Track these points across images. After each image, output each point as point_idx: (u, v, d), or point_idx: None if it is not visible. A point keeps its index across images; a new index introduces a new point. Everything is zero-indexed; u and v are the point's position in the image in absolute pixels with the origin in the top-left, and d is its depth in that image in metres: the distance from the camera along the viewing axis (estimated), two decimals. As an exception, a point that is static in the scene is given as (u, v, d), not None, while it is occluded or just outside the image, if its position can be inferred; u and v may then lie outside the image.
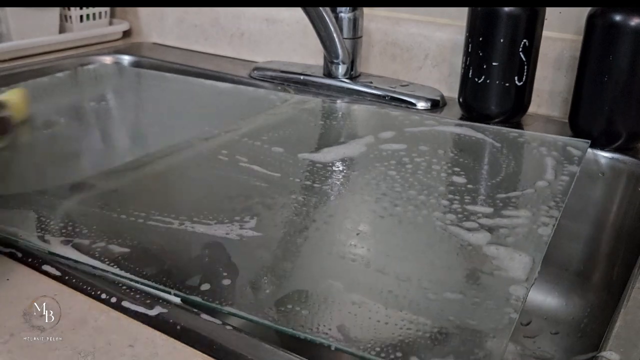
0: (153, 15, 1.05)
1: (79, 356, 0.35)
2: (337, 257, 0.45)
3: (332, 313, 0.38)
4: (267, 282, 0.42)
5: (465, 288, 0.41)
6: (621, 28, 0.60)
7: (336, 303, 0.39)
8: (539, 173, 0.57)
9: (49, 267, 0.42)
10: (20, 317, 0.38)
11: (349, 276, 0.43)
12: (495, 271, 0.43)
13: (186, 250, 0.46)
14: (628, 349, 0.36)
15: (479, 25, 0.67)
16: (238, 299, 0.40)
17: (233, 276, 0.42)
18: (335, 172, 0.59)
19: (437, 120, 0.71)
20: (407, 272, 0.43)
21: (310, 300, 0.39)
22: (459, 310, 0.39)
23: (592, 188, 0.65)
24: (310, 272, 0.44)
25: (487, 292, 0.41)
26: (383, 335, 0.36)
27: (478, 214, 0.50)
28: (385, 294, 0.40)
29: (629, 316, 0.40)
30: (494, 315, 0.38)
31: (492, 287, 0.42)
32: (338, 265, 0.44)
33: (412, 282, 0.41)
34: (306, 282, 0.43)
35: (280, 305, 0.39)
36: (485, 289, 0.41)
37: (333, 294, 0.40)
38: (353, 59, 0.80)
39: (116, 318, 0.38)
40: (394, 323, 0.37)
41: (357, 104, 0.77)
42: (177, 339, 0.36)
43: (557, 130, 0.69)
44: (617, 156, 0.64)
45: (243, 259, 0.44)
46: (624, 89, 0.61)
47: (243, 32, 0.96)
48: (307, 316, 0.38)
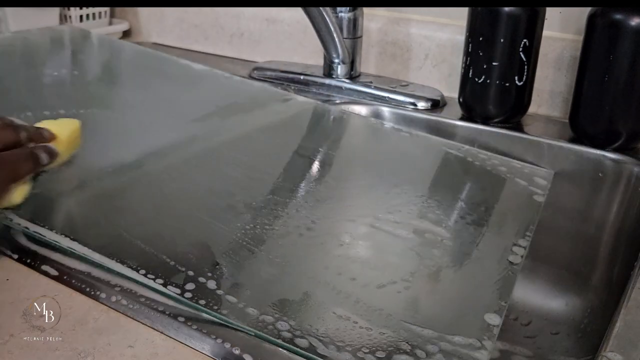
0: (153, 15, 1.05)
1: (79, 356, 0.35)
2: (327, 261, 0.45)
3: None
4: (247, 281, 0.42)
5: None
6: (621, 28, 0.60)
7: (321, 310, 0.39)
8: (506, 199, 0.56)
9: (48, 267, 0.42)
10: (20, 317, 0.38)
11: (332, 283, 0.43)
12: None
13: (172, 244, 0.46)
14: (628, 349, 0.36)
15: (479, 25, 0.67)
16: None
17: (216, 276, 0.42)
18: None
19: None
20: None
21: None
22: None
23: (592, 188, 0.65)
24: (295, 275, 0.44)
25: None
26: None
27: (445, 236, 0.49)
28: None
29: (629, 316, 0.40)
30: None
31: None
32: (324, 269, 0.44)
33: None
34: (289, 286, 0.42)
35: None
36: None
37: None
38: (353, 59, 0.80)
39: (116, 318, 0.38)
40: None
41: (357, 104, 0.77)
42: (177, 339, 0.37)
43: (557, 130, 0.69)
44: (617, 156, 0.64)
45: (229, 259, 0.44)
46: (624, 89, 0.61)
47: (243, 32, 0.96)
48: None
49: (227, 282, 0.41)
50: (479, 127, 0.70)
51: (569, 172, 0.66)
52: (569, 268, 0.68)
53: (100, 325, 0.37)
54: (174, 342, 0.36)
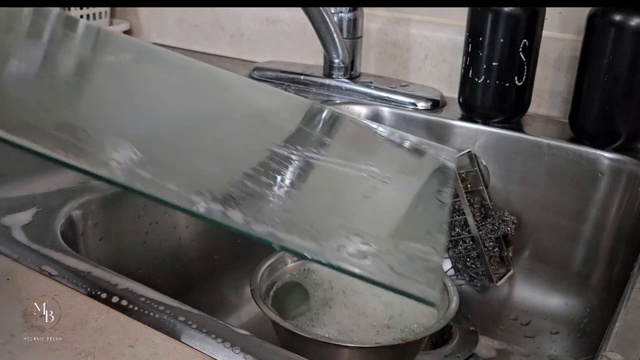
0: (153, 15, 1.05)
1: (79, 356, 0.35)
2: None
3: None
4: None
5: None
6: (621, 28, 0.60)
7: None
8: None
9: (48, 267, 0.42)
10: (20, 317, 0.38)
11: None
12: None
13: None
14: (628, 349, 0.36)
15: (479, 25, 0.67)
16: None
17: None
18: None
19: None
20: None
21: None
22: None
23: (592, 188, 0.65)
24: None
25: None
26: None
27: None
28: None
29: (629, 316, 0.40)
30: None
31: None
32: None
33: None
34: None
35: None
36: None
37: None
38: (353, 59, 0.80)
39: (116, 318, 0.38)
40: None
41: (357, 104, 0.77)
42: (177, 339, 0.37)
43: (557, 130, 0.69)
44: (617, 156, 0.64)
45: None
46: (624, 89, 0.61)
47: (243, 32, 0.96)
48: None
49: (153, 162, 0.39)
50: (478, 127, 0.70)
51: (569, 172, 0.66)
52: (569, 268, 0.68)
53: (101, 325, 0.37)
54: (174, 342, 0.36)
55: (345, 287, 0.59)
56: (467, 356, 0.64)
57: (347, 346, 0.50)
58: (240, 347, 0.36)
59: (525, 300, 0.70)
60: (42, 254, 0.43)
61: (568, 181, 0.67)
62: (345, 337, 0.53)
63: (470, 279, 0.70)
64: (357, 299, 0.58)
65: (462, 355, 0.63)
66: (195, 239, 0.64)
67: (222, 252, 0.67)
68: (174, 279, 0.62)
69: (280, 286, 0.58)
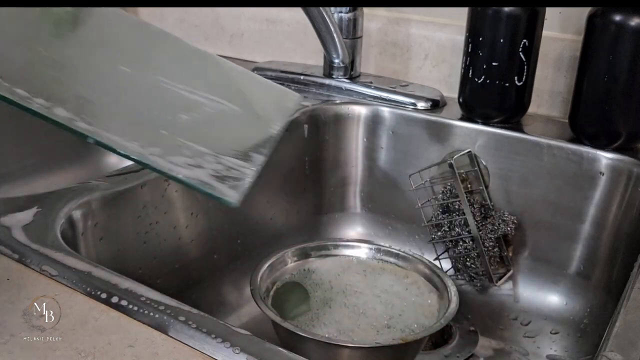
0: (153, 15, 1.05)
1: (79, 356, 0.35)
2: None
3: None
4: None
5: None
6: (621, 28, 0.60)
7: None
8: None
9: (48, 267, 0.42)
10: (20, 317, 0.38)
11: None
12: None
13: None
14: (628, 349, 0.36)
15: (479, 25, 0.67)
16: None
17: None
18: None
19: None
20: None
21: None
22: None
23: (592, 188, 0.66)
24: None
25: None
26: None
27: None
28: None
29: (629, 316, 0.40)
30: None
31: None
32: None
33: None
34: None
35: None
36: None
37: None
38: (353, 59, 0.80)
39: (116, 318, 0.38)
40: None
41: (357, 104, 0.77)
42: (177, 339, 0.37)
43: (557, 130, 0.69)
44: (617, 156, 0.64)
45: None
46: (624, 89, 0.61)
47: (243, 32, 0.96)
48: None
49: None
50: (478, 127, 0.70)
51: (569, 172, 0.66)
52: (569, 268, 0.68)
53: (101, 325, 0.37)
54: (174, 342, 0.36)
55: (345, 287, 0.59)
56: (467, 356, 0.64)
57: (347, 346, 0.50)
58: (240, 347, 0.36)
59: (525, 300, 0.70)
60: (42, 254, 0.43)
61: (568, 181, 0.67)
62: (345, 337, 0.53)
63: (470, 278, 0.70)
64: (357, 299, 0.58)
65: (462, 355, 0.63)
66: (195, 239, 0.64)
67: (222, 252, 0.67)
68: (174, 279, 0.62)
69: (280, 286, 0.58)
